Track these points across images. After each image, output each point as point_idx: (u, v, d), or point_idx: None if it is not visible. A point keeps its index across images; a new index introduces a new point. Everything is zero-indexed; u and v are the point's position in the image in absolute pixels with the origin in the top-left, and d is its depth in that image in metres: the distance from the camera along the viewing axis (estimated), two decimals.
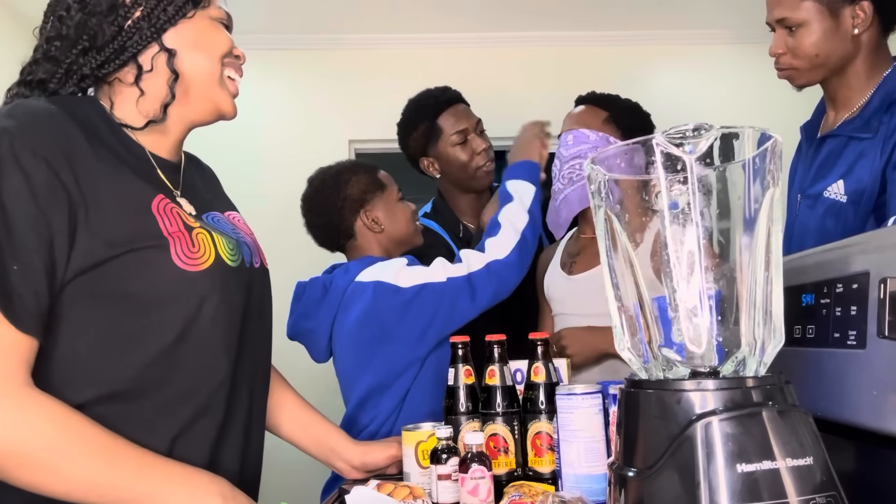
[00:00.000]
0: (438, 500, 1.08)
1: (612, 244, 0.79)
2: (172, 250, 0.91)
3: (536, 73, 3.65)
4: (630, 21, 3.54)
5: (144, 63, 0.98)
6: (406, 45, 3.66)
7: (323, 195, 1.76)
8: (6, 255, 0.81)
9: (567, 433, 1.07)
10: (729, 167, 0.74)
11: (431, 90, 2.08)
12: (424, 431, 1.21)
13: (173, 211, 0.95)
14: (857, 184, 1.35)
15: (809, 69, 1.43)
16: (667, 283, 0.72)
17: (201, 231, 0.97)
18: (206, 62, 1.01)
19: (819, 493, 0.63)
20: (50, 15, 1.00)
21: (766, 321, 0.73)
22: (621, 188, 0.79)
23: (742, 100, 3.51)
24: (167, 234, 0.92)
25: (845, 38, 1.39)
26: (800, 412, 0.67)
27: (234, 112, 1.05)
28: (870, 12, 1.37)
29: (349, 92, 3.61)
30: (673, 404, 0.67)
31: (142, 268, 0.89)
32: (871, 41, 1.40)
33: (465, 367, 1.27)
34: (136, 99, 0.99)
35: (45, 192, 0.83)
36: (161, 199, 0.94)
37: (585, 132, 1.65)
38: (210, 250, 0.96)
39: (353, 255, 1.77)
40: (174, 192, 1.01)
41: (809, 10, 1.39)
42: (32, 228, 0.82)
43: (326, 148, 3.48)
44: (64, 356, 0.88)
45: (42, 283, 0.83)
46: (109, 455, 0.84)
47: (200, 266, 0.94)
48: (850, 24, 1.38)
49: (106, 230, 0.87)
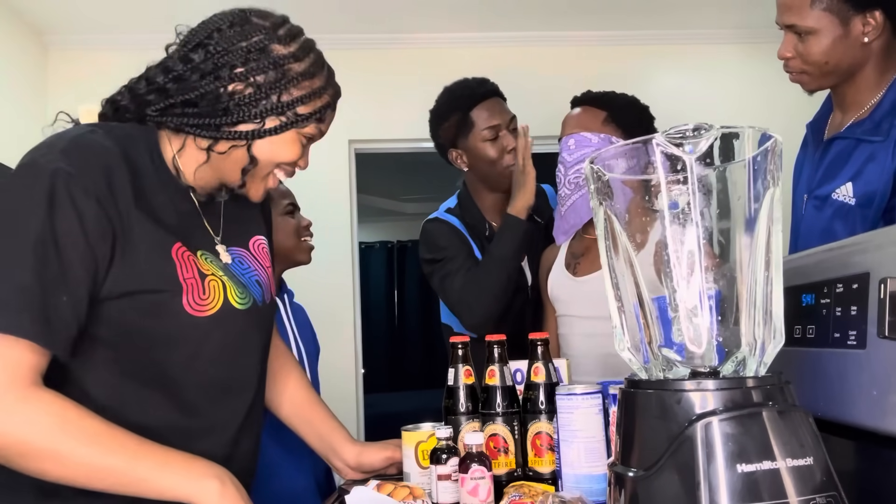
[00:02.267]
0: (438, 500, 1.08)
1: (612, 244, 0.79)
2: (184, 298, 0.97)
3: (537, 73, 3.65)
4: (630, 21, 3.54)
5: (222, 147, 1.00)
6: (406, 45, 3.66)
7: None
8: (59, 288, 0.87)
9: (567, 433, 1.07)
10: (729, 167, 0.74)
11: (469, 80, 1.98)
12: (424, 431, 1.21)
13: (190, 259, 1.00)
14: (866, 186, 1.34)
15: (819, 76, 1.42)
16: (667, 283, 0.72)
17: (214, 280, 1.02)
18: (263, 166, 1.03)
19: (819, 494, 0.63)
20: (184, 48, 1.00)
21: (766, 321, 0.73)
22: (621, 188, 0.79)
23: (742, 99, 3.51)
24: (182, 280, 0.97)
25: (855, 46, 1.37)
26: (800, 412, 0.67)
27: (258, 200, 1.09)
28: (881, 20, 1.35)
29: (349, 92, 3.60)
30: (673, 404, 0.67)
31: (155, 309, 0.95)
32: (882, 47, 1.39)
33: (465, 367, 1.27)
34: (200, 163, 1.02)
35: (95, 228, 0.89)
36: (179, 247, 0.99)
37: (587, 135, 1.64)
38: (219, 297, 1.02)
39: None
40: (215, 239, 1.07)
41: (819, 19, 1.37)
42: (81, 263, 0.89)
43: (326, 148, 3.47)
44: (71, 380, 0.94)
45: (84, 310, 0.90)
46: (106, 442, 0.88)
47: (208, 312, 1.00)
48: (861, 31, 1.36)
49: (134, 266, 0.93)
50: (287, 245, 1.75)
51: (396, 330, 6.93)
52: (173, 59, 1.00)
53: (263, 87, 0.97)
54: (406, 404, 4.91)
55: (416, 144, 3.76)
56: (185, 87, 0.97)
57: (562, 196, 1.71)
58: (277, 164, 1.04)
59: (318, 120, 1.04)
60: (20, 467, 0.86)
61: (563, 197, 1.70)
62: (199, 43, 0.98)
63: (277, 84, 0.97)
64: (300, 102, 1.00)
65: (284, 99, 0.98)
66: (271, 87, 0.97)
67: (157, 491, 0.89)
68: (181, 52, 1.00)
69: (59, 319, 0.87)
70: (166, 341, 0.97)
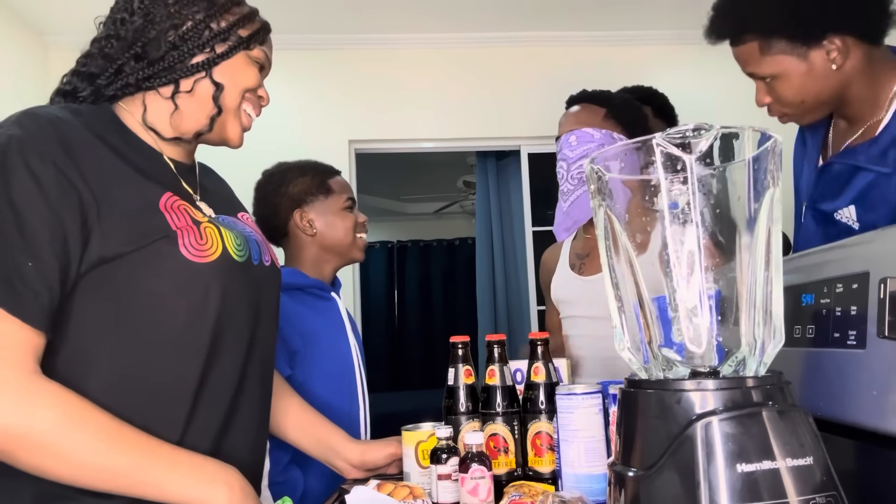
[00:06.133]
0: (438, 500, 1.08)
1: (612, 244, 0.79)
2: (181, 242, 0.93)
3: (536, 74, 3.65)
4: (630, 21, 3.55)
5: (185, 85, 1.02)
6: (406, 45, 3.66)
7: (266, 189, 1.78)
8: (20, 252, 0.83)
9: (567, 433, 1.07)
10: (729, 167, 0.74)
11: None
12: (424, 431, 1.21)
13: (181, 208, 0.97)
14: (872, 214, 1.26)
15: (804, 113, 1.33)
16: (667, 283, 0.73)
17: (209, 225, 0.99)
18: (229, 92, 1.05)
19: (819, 493, 0.63)
20: (113, 15, 1.04)
21: (766, 321, 0.73)
22: (621, 188, 0.79)
23: (742, 99, 3.51)
24: (175, 228, 0.94)
25: (828, 76, 1.26)
26: (800, 412, 0.67)
27: (239, 143, 1.10)
28: (842, 43, 1.23)
29: (349, 92, 3.61)
30: (673, 404, 0.67)
31: (152, 261, 0.91)
32: (859, 63, 1.26)
33: (465, 367, 1.27)
34: (171, 113, 1.03)
35: (55, 192, 0.86)
36: (169, 197, 0.97)
37: (588, 131, 1.63)
38: (217, 243, 0.98)
39: (287, 253, 1.79)
40: (194, 196, 1.05)
41: (776, 63, 1.27)
42: (45, 226, 0.84)
43: (326, 148, 3.49)
44: (71, 350, 0.89)
45: (56, 278, 0.86)
46: (114, 440, 0.85)
47: (208, 258, 0.96)
48: (826, 60, 1.24)
49: (117, 228, 0.90)
50: (345, 241, 1.75)
51: (396, 330, 6.93)
52: (107, 26, 1.04)
53: (199, 19, 1.02)
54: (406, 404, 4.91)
55: (416, 144, 3.77)
56: (127, 44, 1.00)
57: (564, 192, 1.68)
58: (242, 93, 1.06)
59: (261, 42, 1.09)
60: (17, 462, 0.82)
61: (565, 192, 1.68)
62: (125, 4, 1.03)
63: (211, 13, 1.03)
64: (239, 26, 1.05)
65: (223, 25, 1.04)
66: (207, 17, 1.02)
67: (163, 495, 0.87)
68: (112, 17, 1.04)
69: (24, 285, 0.82)
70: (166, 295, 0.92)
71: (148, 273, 0.91)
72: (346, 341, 1.73)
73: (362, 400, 1.73)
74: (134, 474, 0.85)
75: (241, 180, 2.13)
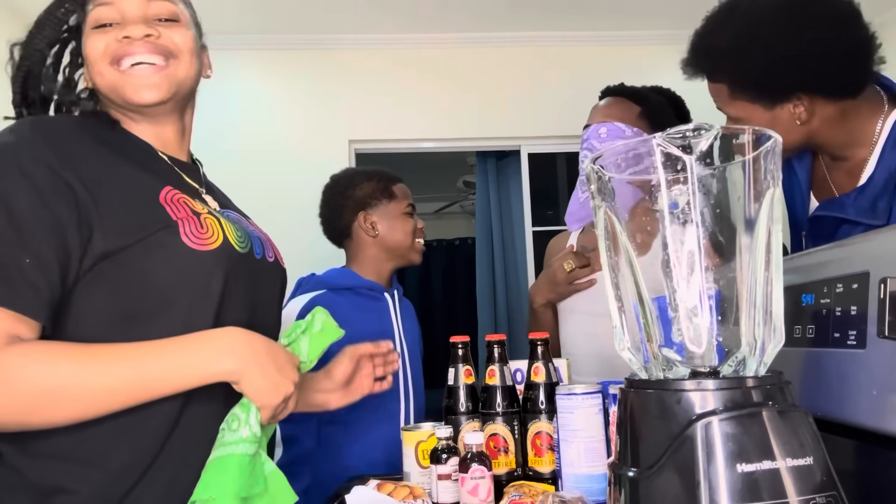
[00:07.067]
0: (438, 500, 1.08)
1: (612, 244, 0.79)
2: (182, 231, 0.94)
3: (537, 73, 3.65)
4: (631, 21, 3.55)
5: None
6: (406, 45, 3.66)
7: (333, 191, 1.87)
8: (18, 250, 0.84)
9: (567, 433, 1.07)
10: (729, 167, 0.74)
11: None
12: (424, 431, 1.21)
13: (181, 200, 0.98)
14: None
15: None
16: (667, 283, 0.73)
17: (209, 216, 0.99)
18: (93, 69, 1.02)
19: (819, 493, 0.63)
20: None
21: (766, 321, 0.73)
22: (621, 188, 0.79)
23: None
24: (176, 219, 0.94)
25: (792, 130, 1.22)
26: (800, 412, 0.67)
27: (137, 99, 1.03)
28: (808, 104, 1.20)
29: (349, 92, 3.61)
30: (673, 404, 0.67)
31: (153, 251, 0.92)
32: (829, 117, 1.21)
33: (465, 367, 1.27)
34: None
35: (50, 191, 0.87)
36: (169, 191, 0.97)
37: (620, 126, 1.58)
38: (218, 232, 0.98)
39: (348, 254, 1.86)
40: (199, 190, 1.06)
41: (743, 109, 1.25)
42: (41, 224, 0.86)
43: (326, 148, 3.49)
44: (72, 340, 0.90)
45: (55, 273, 0.86)
46: (99, 357, 0.85)
47: (209, 246, 0.96)
48: (792, 115, 1.21)
49: (117, 223, 0.91)
50: (405, 244, 1.83)
51: None
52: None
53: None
54: None
55: (416, 144, 3.77)
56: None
57: (583, 181, 1.65)
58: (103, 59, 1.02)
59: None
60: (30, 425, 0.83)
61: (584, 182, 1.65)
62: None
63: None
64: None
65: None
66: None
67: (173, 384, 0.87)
68: None
69: (24, 281, 0.84)
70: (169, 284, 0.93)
71: (151, 262, 0.92)
72: (393, 341, 1.76)
73: (404, 397, 1.77)
74: (134, 380, 0.85)
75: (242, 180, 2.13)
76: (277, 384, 0.92)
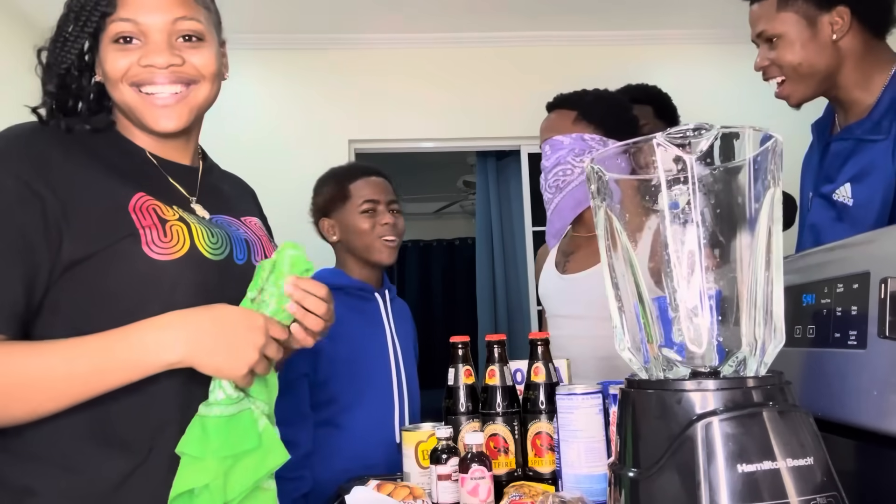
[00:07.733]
0: (438, 500, 1.08)
1: (612, 244, 0.79)
2: (143, 240, 0.93)
3: (537, 73, 3.65)
4: (630, 21, 3.54)
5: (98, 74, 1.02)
6: (406, 45, 3.66)
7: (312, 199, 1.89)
8: None
9: (567, 433, 1.07)
10: (729, 167, 0.74)
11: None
12: (424, 431, 1.21)
13: (150, 208, 0.96)
14: (866, 189, 1.33)
15: (797, 80, 1.42)
16: (667, 283, 0.72)
17: (177, 224, 0.97)
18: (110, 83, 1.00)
19: (819, 494, 0.63)
20: None
21: (766, 321, 0.73)
22: (621, 188, 0.79)
23: (743, 99, 3.51)
24: (140, 227, 0.93)
25: (826, 47, 1.38)
26: (800, 412, 0.67)
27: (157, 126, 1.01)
28: (847, 18, 1.36)
29: (349, 92, 3.61)
30: (673, 404, 0.67)
31: (115, 261, 0.91)
32: (856, 47, 1.38)
33: (465, 367, 1.27)
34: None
35: (17, 205, 0.87)
36: (140, 197, 0.96)
37: (558, 138, 1.63)
38: (184, 240, 0.96)
39: (336, 257, 1.86)
40: (188, 198, 1.04)
41: (786, 21, 1.39)
42: (8, 243, 0.86)
43: (326, 148, 3.48)
44: None
45: (19, 289, 0.87)
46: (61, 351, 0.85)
47: (172, 255, 0.94)
48: (829, 31, 1.37)
49: (86, 231, 0.90)
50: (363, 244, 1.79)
51: None
52: None
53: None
54: None
55: (416, 144, 3.77)
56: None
57: (546, 201, 1.71)
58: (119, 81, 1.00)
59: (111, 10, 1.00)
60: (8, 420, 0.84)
61: (546, 202, 1.70)
62: None
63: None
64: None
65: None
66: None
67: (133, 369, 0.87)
68: None
69: None
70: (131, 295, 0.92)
71: (112, 272, 0.91)
72: (384, 342, 1.76)
73: (398, 399, 1.76)
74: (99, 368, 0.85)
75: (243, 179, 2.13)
76: (236, 356, 0.88)
